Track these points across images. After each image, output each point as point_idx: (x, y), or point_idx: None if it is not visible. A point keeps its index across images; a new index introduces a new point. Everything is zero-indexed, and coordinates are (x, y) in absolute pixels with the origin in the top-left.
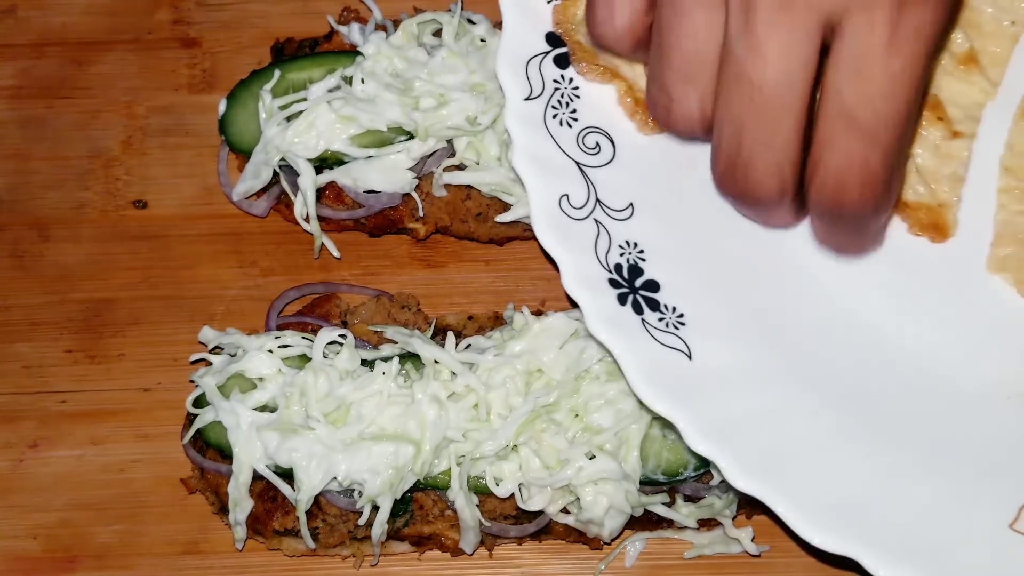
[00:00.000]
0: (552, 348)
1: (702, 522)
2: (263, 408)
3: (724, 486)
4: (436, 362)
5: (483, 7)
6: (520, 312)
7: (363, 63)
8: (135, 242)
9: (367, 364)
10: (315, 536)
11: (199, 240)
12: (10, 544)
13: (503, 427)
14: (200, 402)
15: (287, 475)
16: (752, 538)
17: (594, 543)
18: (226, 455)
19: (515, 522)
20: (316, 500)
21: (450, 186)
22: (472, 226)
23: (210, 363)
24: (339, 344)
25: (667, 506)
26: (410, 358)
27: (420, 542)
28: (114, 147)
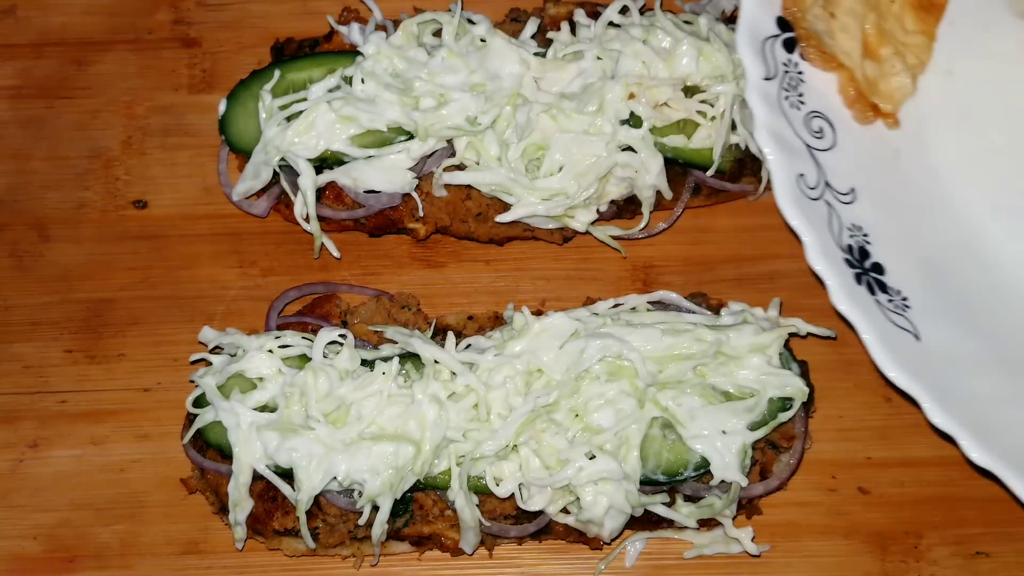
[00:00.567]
0: (552, 348)
1: (702, 522)
2: (263, 408)
3: (724, 486)
4: (436, 362)
5: (483, 7)
6: (520, 312)
7: (363, 63)
8: (135, 242)
9: (367, 364)
10: (315, 536)
11: (199, 240)
12: (10, 544)
13: (503, 427)
14: (200, 402)
15: (287, 475)
16: (752, 538)
17: (594, 543)
18: (226, 455)
19: (515, 522)
20: (316, 500)
21: (450, 186)
22: (472, 226)
23: (210, 363)
24: (339, 344)
25: (667, 506)
26: (410, 358)
27: (420, 542)
28: (114, 147)
